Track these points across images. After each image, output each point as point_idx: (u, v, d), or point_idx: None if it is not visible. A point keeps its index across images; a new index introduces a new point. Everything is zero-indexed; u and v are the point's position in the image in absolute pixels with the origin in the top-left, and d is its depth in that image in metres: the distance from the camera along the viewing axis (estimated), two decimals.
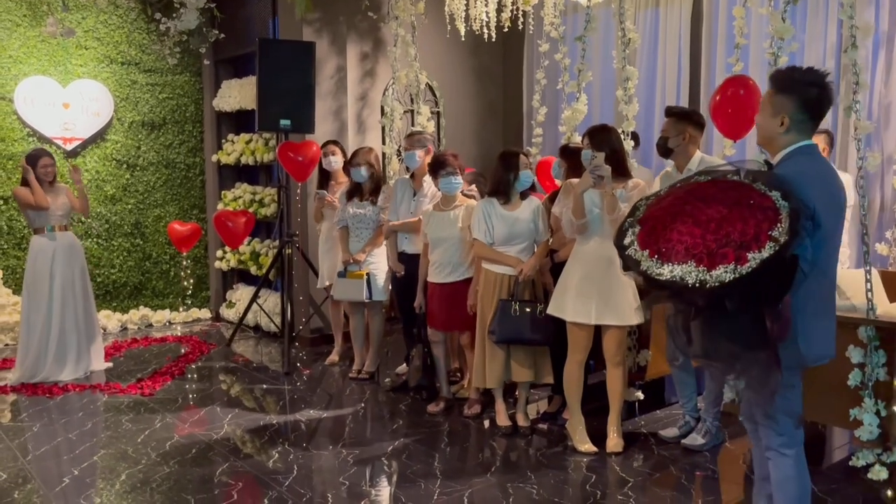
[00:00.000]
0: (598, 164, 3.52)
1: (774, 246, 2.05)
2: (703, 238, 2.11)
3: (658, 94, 5.90)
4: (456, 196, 4.33)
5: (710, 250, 2.08)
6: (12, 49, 6.25)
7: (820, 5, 4.94)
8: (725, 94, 3.82)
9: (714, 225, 2.12)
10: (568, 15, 6.21)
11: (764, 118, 2.44)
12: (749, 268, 2.03)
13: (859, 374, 3.27)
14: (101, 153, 6.71)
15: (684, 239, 2.13)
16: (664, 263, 2.13)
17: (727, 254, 2.06)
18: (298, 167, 5.65)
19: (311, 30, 5.96)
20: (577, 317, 3.67)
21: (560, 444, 3.90)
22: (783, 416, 2.41)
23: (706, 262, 2.07)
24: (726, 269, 2.05)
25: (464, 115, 7.01)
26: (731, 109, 3.77)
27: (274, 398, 4.84)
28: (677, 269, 2.09)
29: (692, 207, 2.20)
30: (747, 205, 2.14)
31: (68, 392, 4.90)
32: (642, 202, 2.39)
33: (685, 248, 2.11)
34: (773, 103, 2.41)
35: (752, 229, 2.09)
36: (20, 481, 3.51)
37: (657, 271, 2.12)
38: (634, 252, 2.21)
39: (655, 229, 2.21)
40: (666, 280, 2.10)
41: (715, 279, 2.05)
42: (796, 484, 2.42)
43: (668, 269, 2.10)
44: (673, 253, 2.13)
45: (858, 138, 3.44)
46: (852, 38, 3.36)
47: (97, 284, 6.57)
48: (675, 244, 2.14)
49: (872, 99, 4.74)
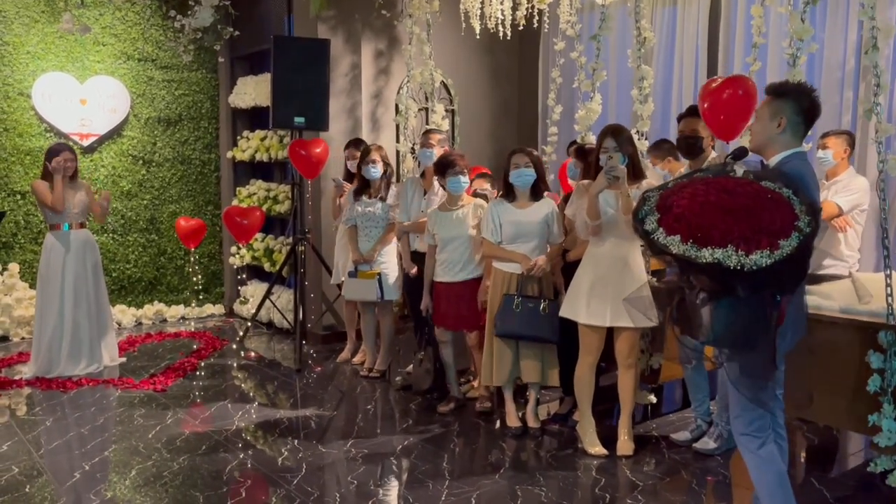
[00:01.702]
0: (614, 165, 3.49)
1: (799, 236, 2.22)
2: (736, 225, 2.24)
3: (674, 94, 5.84)
4: (462, 196, 4.32)
5: (745, 236, 2.21)
6: (30, 45, 6.30)
7: (840, 4, 4.86)
8: (721, 96, 3.72)
9: (744, 213, 2.26)
10: (584, 13, 6.16)
11: (761, 122, 2.62)
12: (782, 254, 2.18)
13: (878, 379, 3.22)
14: (117, 149, 6.75)
15: (717, 224, 2.25)
16: (702, 247, 2.23)
17: (761, 240, 2.20)
18: (308, 164, 5.66)
19: (325, 27, 5.96)
20: (591, 319, 3.64)
21: (570, 447, 3.87)
22: (765, 400, 2.55)
23: (743, 246, 2.19)
24: (762, 253, 2.18)
25: (478, 113, 6.98)
26: (724, 115, 3.69)
27: (285, 395, 4.85)
28: (718, 252, 2.20)
29: (717, 198, 2.33)
30: (766, 198, 2.30)
31: (82, 386, 4.94)
32: (653, 192, 2.50)
33: (721, 234, 2.22)
34: (770, 107, 2.61)
35: (778, 219, 2.24)
36: (33, 474, 3.54)
37: (696, 254, 2.23)
38: (661, 237, 2.32)
39: (685, 216, 2.32)
40: (706, 262, 2.21)
41: (753, 263, 2.17)
42: (776, 467, 2.57)
43: (709, 253, 2.21)
44: (709, 238, 2.23)
45: (879, 141, 3.38)
46: (873, 38, 3.30)
47: (112, 279, 6.62)
48: (709, 230, 2.25)
49: (894, 100, 4.66)
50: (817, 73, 4.96)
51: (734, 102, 3.64)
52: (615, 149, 3.59)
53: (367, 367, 5.23)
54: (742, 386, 2.52)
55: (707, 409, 3.90)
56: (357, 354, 5.54)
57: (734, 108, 3.65)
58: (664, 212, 2.37)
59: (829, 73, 4.93)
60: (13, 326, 6.20)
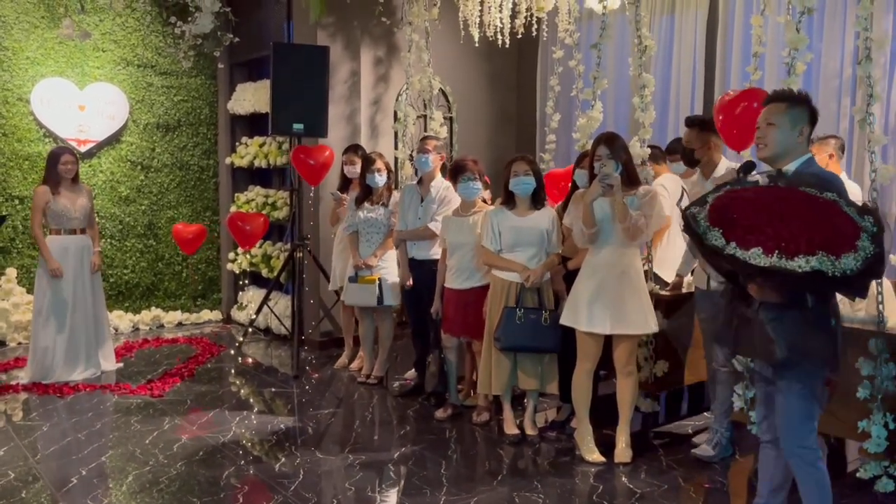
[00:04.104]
0: (608, 173, 3.51)
1: (868, 236, 2.24)
2: (818, 232, 2.24)
3: (672, 102, 5.87)
4: (475, 202, 4.31)
5: (828, 242, 2.21)
6: (30, 50, 6.31)
7: (837, 13, 4.90)
8: (735, 110, 3.74)
9: (816, 219, 2.27)
10: (582, 22, 6.19)
11: (783, 131, 2.58)
12: (865, 255, 2.21)
13: (868, 386, 3.24)
14: (115, 154, 6.76)
15: (799, 233, 2.23)
16: (792, 257, 2.20)
17: (842, 244, 2.22)
18: (312, 171, 5.68)
19: (325, 34, 5.98)
20: (591, 327, 3.64)
21: (568, 454, 3.87)
22: (820, 409, 2.55)
23: (833, 250, 2.20)
24: (851, 257, 2.19)
25: (477, 120, 7.00)
26: (737, 129, 3.71)
27: (282, 401, 4.84)
28: (813, 260, 2.18)
29: (779, 206, 2.33)
30: (820, 203, 2.32)
31: (79, 392, 4.93)
32: (698, 209, 2.44)
33: (807, 242, 2.22)
34: (789, 116, 2.58)
35: (845, 222, 2.27)
36: (29, 480, 3.53)
37: (788, 265, 2.19)
38: (735, 250, 2.26)
39: (758, 227, 2.29)
40: (803, 272, 2.18)
41: (845, 267, 2.17)
42: (825, 482, 2.57)
43: (805, 262, 2.18)
44: (797, 247, 2.21)
45: (872, 150, 3.40)
46: (867, 49, 3.33)
47: (110, 285, 6.62)
48: (795, 239, 2.22)
49: (889, 110, 4.69)
50: (815, 82, 4.99)
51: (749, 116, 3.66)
52: (609, 156, 3.60)
53: (365, 374, 5.22)
54: (800, 398, 2.50)
55: None
56: (355, 361, 5.54)
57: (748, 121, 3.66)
58: (727, 225, 2.32)
59: (826, 81, 4.96)
60: (10, 331, 6.18)
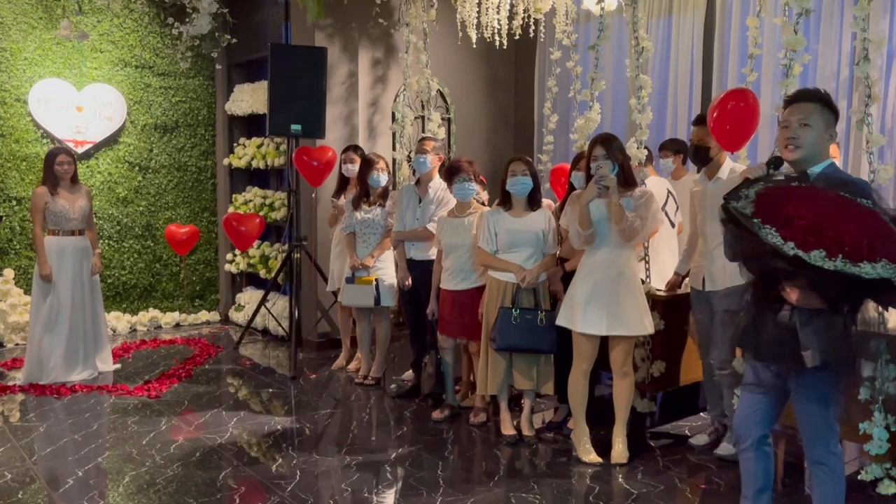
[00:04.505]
0: (603, 175, 3.50)
1: None
2: (878, 237, 2.22)
3: (670, 103, 5.88)
4: (470, 203, 4.31)
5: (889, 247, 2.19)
6: (28, 51, 6.31)
7: (834, 15, 4.90)
8: (725, 109, 3.74)
9: (867, 223, 2.26)
10: (580, 23, 6.20)
11: (816, 132, 2.51)
12: None
13: (869, 387, 3.24)
14: (113, 155, 6.76)
15: (861, 237, 2.21)
16: (857, 262, 2.18)
17: (892, 249, 2.19)
18: (314, 172, 5.68)
19: (323, 35, 5.99)
20: (587, 328, 3.64)
21: (565, 455, 3.87)
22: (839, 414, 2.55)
23: (893, 258, 2.18)
24: None
25: (475, 122, 7.01)
26: (730, 125, 3.71)
27: (280, 402, 4.84)
28: (879, 266, 2.17)
29: (834, 208, 2.31)
30: (858, 206, 2.32)
31: (76, 393, 4.93)
32: (743, 205, 2.40)
33: (868, 247, 2.20)
34: (823, 118, 2.52)
35: (887, 226, 2.27)
36: (26, 481, 3.52)
37: (855, 270, 2.17)
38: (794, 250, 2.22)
39: (811, 227, 2.25)
40: (870, 278, 2.17)
41: None
42: (842, 492, 2.53)
43: (871, 267, 2.17)
44: (859, 252, 2.19)
45: (871, 151, 3.41)
46: (865, 50, 3.34)
47: (107, 286, 6.61)
48: (858, 244, 2.20)
49: (886, 111, 4.69)
50: (811, 83, 4.98)
51: (739, 114, 3.67)
52: (605, 157, 3.60)
53: (362, 375, 5.22)
54: (825, 405, 2.48)
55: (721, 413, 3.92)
56: (352, 362, 5.54)
57: (740, 119, 3.67)
58: (780, 224, 2.27)
59: (823, 82, 4.96)
60: (7, 332, 6.18)
